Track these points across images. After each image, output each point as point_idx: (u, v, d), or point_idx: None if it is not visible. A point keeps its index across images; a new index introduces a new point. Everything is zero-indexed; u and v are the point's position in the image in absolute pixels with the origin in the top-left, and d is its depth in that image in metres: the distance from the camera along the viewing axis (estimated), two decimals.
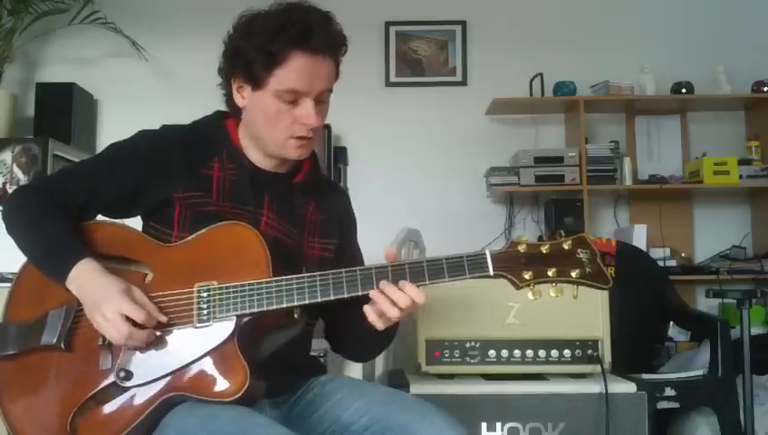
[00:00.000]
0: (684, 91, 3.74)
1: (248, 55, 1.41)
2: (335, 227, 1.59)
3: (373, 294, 1.34)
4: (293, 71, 1.40)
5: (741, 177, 3.64)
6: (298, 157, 1.50)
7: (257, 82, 1.42)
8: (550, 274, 1.32)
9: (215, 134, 1.53)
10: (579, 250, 1.33)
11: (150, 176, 1.47)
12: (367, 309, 1.35)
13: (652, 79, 3.79)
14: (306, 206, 1.56)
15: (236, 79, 1.46)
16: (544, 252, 1.33)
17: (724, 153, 3.73)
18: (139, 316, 1.32)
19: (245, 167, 1.51)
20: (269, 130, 1.46)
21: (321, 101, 1.46)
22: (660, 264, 3.39)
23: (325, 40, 1.41)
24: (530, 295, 1.32)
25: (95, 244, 1.44)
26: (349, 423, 1.41)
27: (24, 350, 1.40)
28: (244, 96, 1.47)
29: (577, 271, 1.31)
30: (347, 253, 1.59)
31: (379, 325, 1.36)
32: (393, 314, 1.33)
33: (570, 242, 1.33)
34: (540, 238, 1.37)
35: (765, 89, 3.74)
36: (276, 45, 1.38)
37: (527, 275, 1.32)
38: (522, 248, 1.33)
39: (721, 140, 3.94)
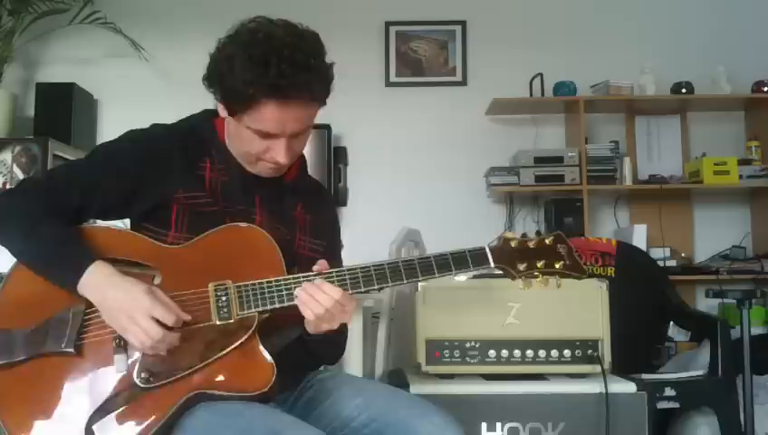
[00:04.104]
0: (684, 91, 3.74)
1: (226, 89, 1.41)
2: (322, 229, 1.61)
3: (297, 292, 1.38)
4: (266, 116, 1.39)
5: (741, 177, 3.64)
6: (270, 175, 1.51)
7: (233, 114, 1.44)
8: (539, 265, 1.47)
9: (205, 134, 1.52)
10: (558, 245, 1.49)
11: (149, 177, 1.46)
12: (297, 302, 1.38)
13: (652, 79, 3.79)
14: (296, 205, 1.58)
15: (216, 97, 1.47)
16: (531, 247, 1.49)
17: (724, 153, 3.73)
18: (169, 319, 1.32)
19: (234, 168, 1.51)
20: (242, 151, 1.49)
21: (297, 135, 1.45)
22: (660, 264, 3.39)
23: (300, 90, 1.38)
24: (521, 286, 1.48)
25: (98, 248, 1.42)
26: (349, 420, 1.42)
27: (28, 358, 1.36)
28: (225, 111, 1.48)
29: (560, 263, 1.48)
30: (332, 257, 1.56)
31: (309, 315, 1.38)
32: (317, 310, 1.36)
33: (551, 238, 1.50)
34: (523, 235, 1.49)
35: (765, 89, 3.74)
36: (250, 91, 1.37)
37: (521, 267, 1.47)
38: (513, 244, 1.48)
39: (721, 140, 3.94)
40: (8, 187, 3.33)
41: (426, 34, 4.04)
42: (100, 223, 1.52)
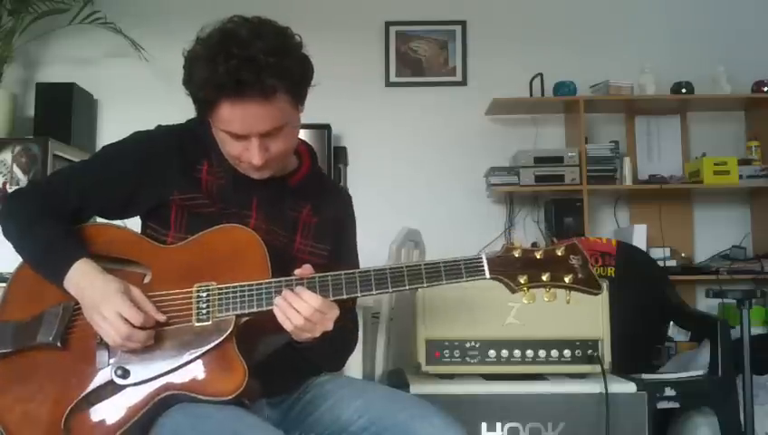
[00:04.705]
0: (684, 91, 3.74)
1: (190, 92, 1.40)
2: (330, 232, 1.57)
3: (276, 300, 1.34)
4: (225, 117, 1.36)
5: (741, 177, 3.64)
6: (259, 177, 1.47)
7: (202, 117, 1.43)
8: (544, 278, 1.36)
9: (204, 136, 1.50)
10: (571, 256, 1.37)
11: (146, 178, 1.47)
12: (276, 311, 1.34)
13: (652, 79, 3.79)
14: (300, 208, 1.55)
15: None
16: (538, 257, 1.37)
17: (724, 153, 3.73)
18: (136, 319, 1.32)
19: (231, 170, 1.49)
20: (225, 152, 1.45)
21: (270, 135, 1.39)
22: (660, 264, 3.39)
23: (252, 87, 1.31)
24: (524, 300, 1.37)
25: (93, 246, 1.44)
26: (348, 423, 1.41)
27: (19, 348, 1.40)
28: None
29: (570, 276, 1.36)
30: (343, 257, 1.56)
31: (288, 326, 1.34)
32: (296, 320, 1.32)
33: (563, 249, 1.38)
34: (534, 244, 1.41)
35: (765, 89, 3.74)
36: (204, 93, 1.35)
37: (522, 279, 1.36)
38: (516, 253, 1.37)
39: (721, 140, 3.94)
40: (8, 187, 3.34)
41: (426, 34, 4.04)
42: (100, 221, 1.53)
